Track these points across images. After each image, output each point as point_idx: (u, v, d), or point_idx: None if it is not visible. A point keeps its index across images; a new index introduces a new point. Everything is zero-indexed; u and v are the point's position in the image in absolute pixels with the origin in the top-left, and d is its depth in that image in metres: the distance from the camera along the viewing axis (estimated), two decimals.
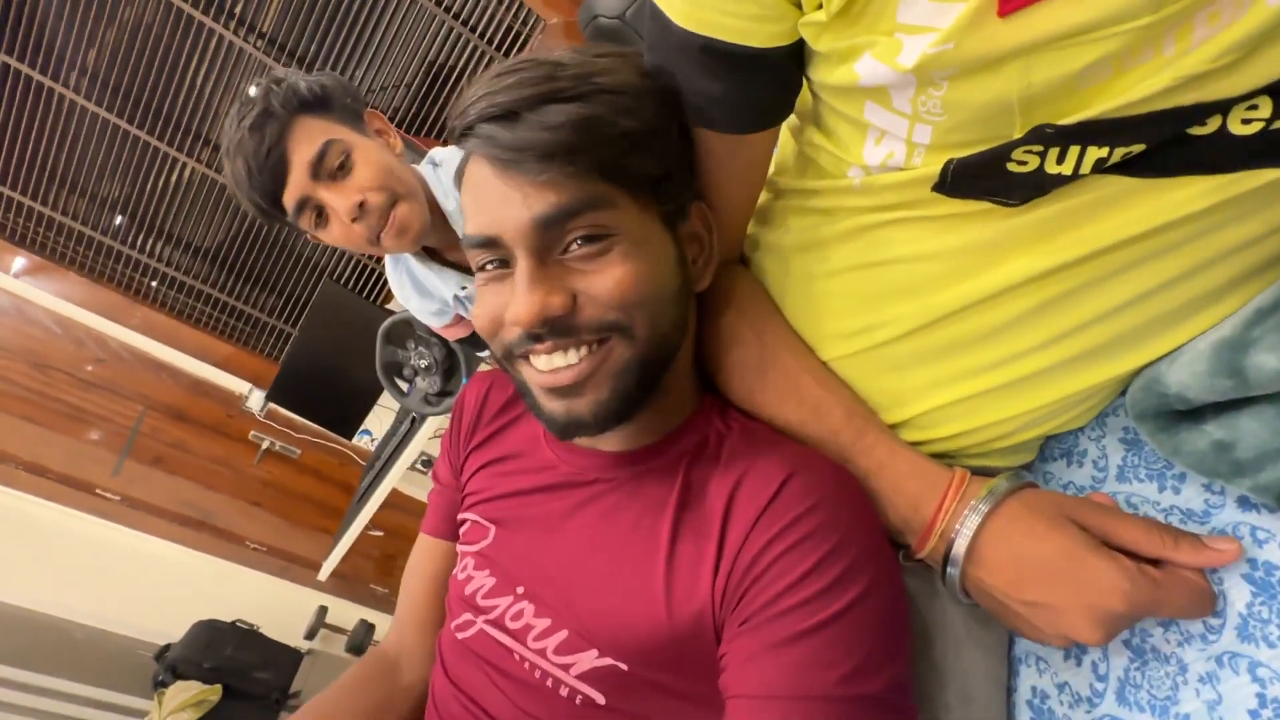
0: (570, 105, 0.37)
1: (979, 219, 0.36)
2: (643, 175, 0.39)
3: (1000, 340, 0.40)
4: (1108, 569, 0.35)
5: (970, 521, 0.39)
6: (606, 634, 0.42)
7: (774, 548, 0.39)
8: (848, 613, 0.37)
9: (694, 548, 0.42)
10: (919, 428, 0.45)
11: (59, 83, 1.98)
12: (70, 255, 2.22)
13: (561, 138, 0.36)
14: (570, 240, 0.38)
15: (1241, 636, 0.34)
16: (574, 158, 0.36)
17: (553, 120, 0.36)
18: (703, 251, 0.46)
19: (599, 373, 0.40)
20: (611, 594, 0.43)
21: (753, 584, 0.39)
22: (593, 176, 0.37)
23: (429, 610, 0.58)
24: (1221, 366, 0.34)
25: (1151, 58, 0.27)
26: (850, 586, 0.37)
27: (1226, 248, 0.34)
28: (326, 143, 0.71)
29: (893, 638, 0.38)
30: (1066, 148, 0.31)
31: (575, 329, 0.39)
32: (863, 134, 0.38)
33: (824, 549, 0.38)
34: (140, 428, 2.35)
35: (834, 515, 0.40)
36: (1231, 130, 0.29)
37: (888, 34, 0.31)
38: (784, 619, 0.37)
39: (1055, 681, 0.43)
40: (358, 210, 0.73)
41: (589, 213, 0.38)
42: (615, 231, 0.38)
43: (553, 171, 0.36)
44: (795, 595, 0.37)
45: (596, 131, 0.37)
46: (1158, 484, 0.41)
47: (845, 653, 0.36)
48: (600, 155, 0.37)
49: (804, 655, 0.36)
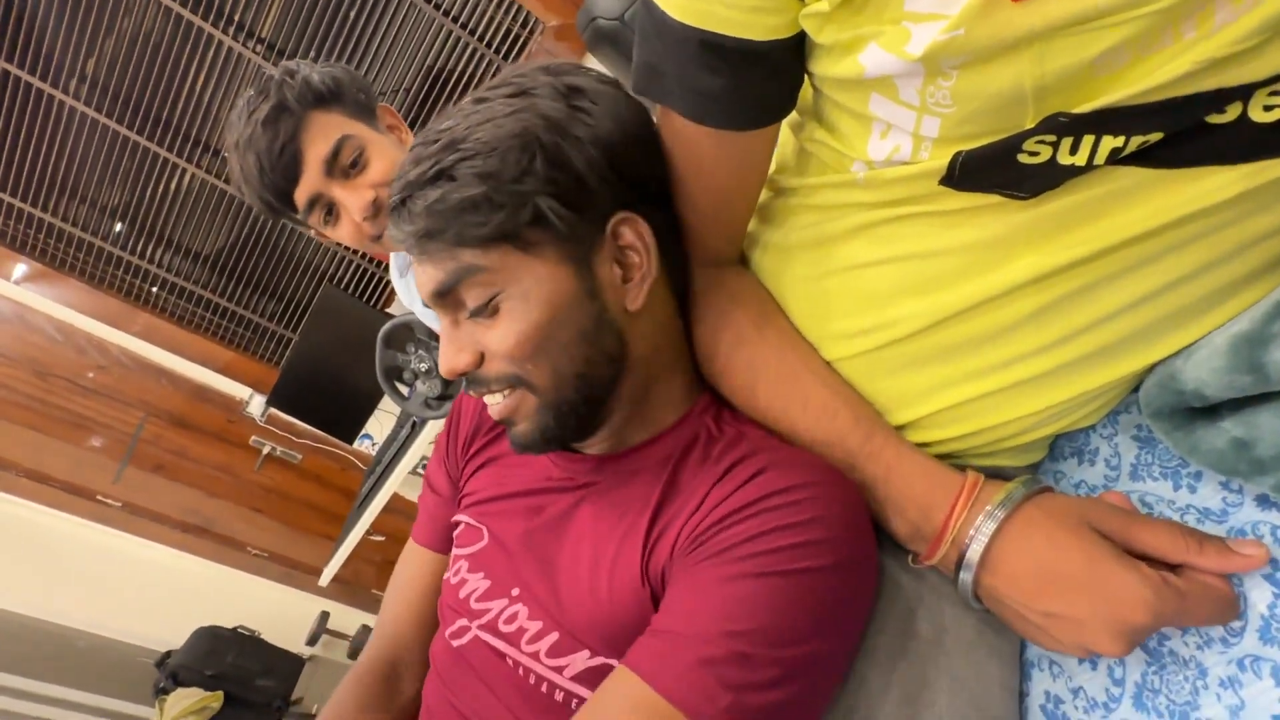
0: (427, 190, 0.40)
1: (989, 213, 0.36)
2: (510, 228, 0.40)
3: (1010, 338, 0.39)
4: (1131, 580, 0.33)
5: (985, 528, 0.38)
6: (596, 632, 0.42)
7: (752, 507, 0.39)
8: (813, 575, 0.37)
9: (666, 528, 0.42)
10: (926, 428, 0.44)
11: (59, 89, 1.98)
12: (71, 262, 2.22)
13: (422, 226, 0.40)
14: (465, 304, 0.42)
15: (1264, 639, 0.33)
16: (436, 238, 0.40)
17: (417, 209, 0.40)
18: (639, 266, 0.43)
19: (518, 413, 0.44)
20: (598, 592, 0.43)
21: (718, 531, 0.39)
22: (458, 250, 0.40)
23: (427, 620, 0.56)
24: (1240, 362, 0.33)
25: (1171, 42, 0.27)
26: (818, 557, 0.37)
27: (1246, 240, 0.33)
28: (341, 139, 0.70)
29: (833, 625, 0.38)
30: (1080, 137, 0.30)
31: (485, 381, 0.44)
32: (867, 128, 0.37)
33: (804, 516, 0.38)
34: (141, 434, 2.35)
35: (820, 494, 0.39)
36: (1253, 118, 0.28)
37: (894, 22, 0.30)
38: (740, 563, 0.37)
39: (1070, 686, 0.42)
40: (371, 208, 0.72)
41: (464, 282, 0.41)
42: (498, 289, 0.41)
43: (429, 254, 0.41)
44: (760, 543, 0.37)
45: (447, 211, 0.40)
46: (1173, 482, 0.40)
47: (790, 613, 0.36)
48: (458, 230, 0.40)
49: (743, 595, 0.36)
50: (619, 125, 0.43)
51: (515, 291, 0.41)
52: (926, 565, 0.41)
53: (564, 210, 0.40)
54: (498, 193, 0.39)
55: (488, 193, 0.39)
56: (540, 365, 0.42)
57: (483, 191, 0.39)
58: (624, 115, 0.43)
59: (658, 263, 0.44)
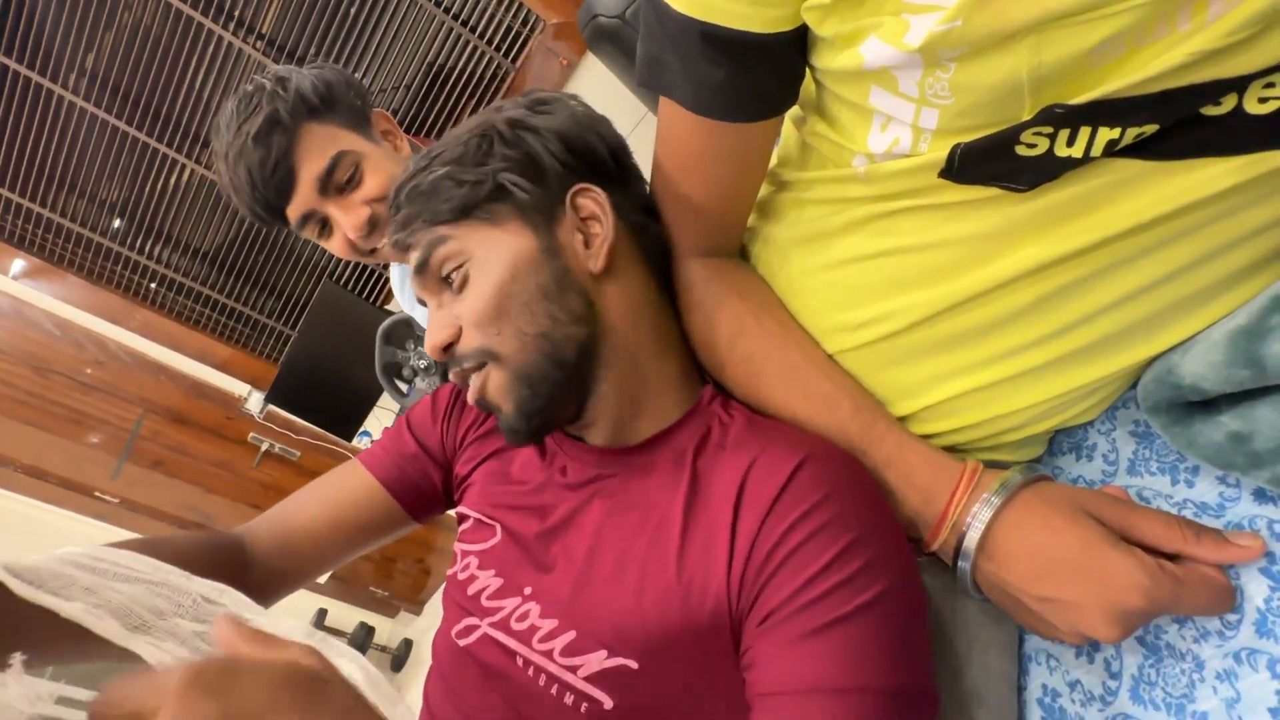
0: (405, 185, 0.47)
1: (987, 206, 0.36)
2: (471, 201, 0.45)
3: (1010, 330, 0.39)
4: (1127, 564, 0.34)
5: (983, 514, 0.38)
6: (616, 631, 0.41)
7: (791, 538, 0.38)
8: (875, 605, 0.36)
9: (705, 538, 0.41)
10: (926, 421, 0.44)
11: (58, 84, 1.98)
12: (69, 257, 2.22)
13: (404, 214, 0.47)
14: (441, 277, 0.46)
15: (1260, 632, 0.34)
16: (415, 221, 0.46)
17: (399, 204, 0.47)
18: (598, 233, 0.46)
19: (489, 391, 0.45)
20: (622, 590, 0.42)
21: (771, 577, 0.38)
22: (428, 228, 0.46)
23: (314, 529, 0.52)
24: (1238, 356, 0.33)
25: (1166, 34, 0.27)
26: (875, 580, 0.37)
27: (1242, 232, 0.33)
28: (336, 156, 0.68)
29: (914, 637, 0.38)
30: (1077, 129, 0.30)
31: (459, 359, 0.46)
32: (867, 120, 0.37)
33: (844, 541, 0.37)
34: (140, 430, 2.35)
35: (850, 506, 0.39)
36: (1248, 110, 0.28)
37: (894, 14, 0.30)
38: (809, 610, 0.36)
39: (1067, 679, 0.42)
40: (366, 226, 0.70)
41: (434, 254, 0.45)
42: (464, 259, 0.45)
43: (410, 238, 0.46)
44: (818, 586, 0.36)
45: (416, 193, 0.46)
46: (1170, 477, 0.40)
47: (878, 644, 0.35)
48: (425, 209, 0.45)
49: (837, 646, 0.35)
50: (573, 119, 0.47)
51: (480, 258, 0.45)
52: (928, 553, 0.41)
53: (521, 180, 0.45)
54: (462, 173, 0.45)
55: (452, 173, 0.45)
56: (504, 329, 0.44)
57: (448, 172, 0.45)
58: (580, 112, 0.48)
59: (614, 226, 0.46)
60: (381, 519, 0.55)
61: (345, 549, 0.55)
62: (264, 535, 0.52)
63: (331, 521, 0.53)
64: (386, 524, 0.55)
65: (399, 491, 0.55)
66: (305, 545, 0.53)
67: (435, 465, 0.56)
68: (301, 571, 0.54)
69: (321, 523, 0.53)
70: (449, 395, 0.57)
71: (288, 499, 0.55)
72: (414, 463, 0.55)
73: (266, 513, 0.54)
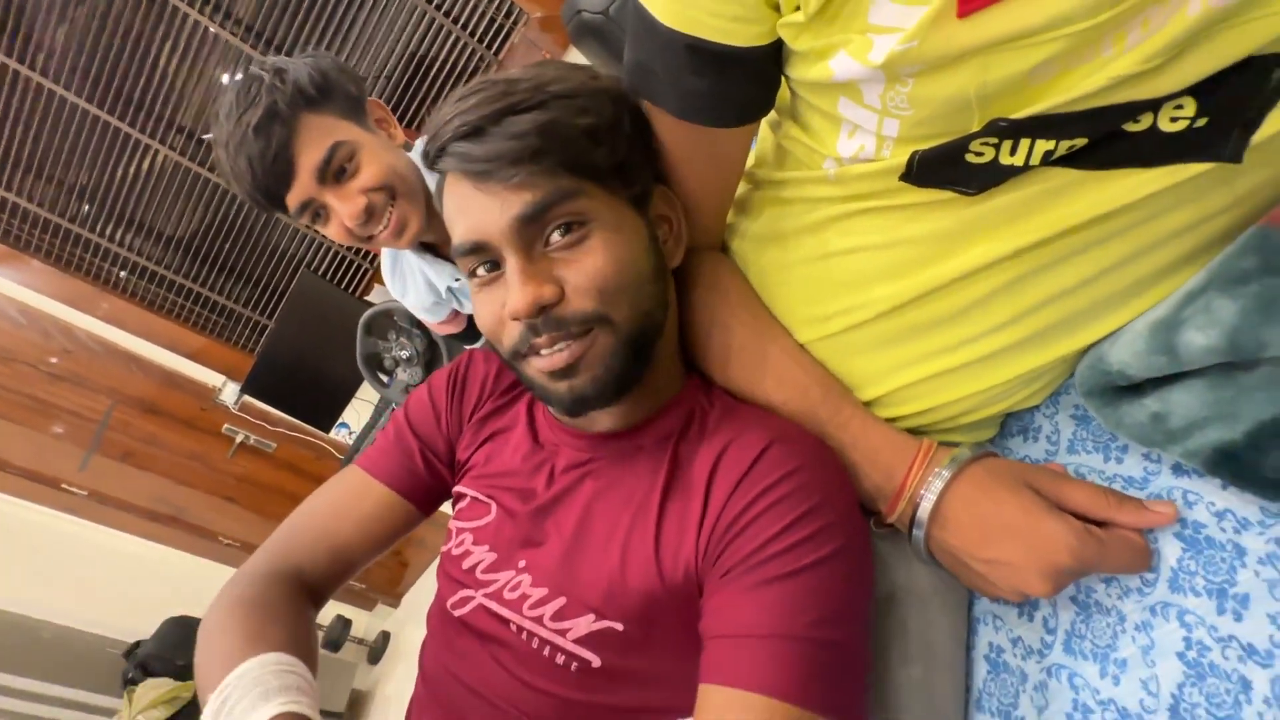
0: (530, 114, 0.41)
1: (943, 208, 0.39)
2: (606, 166, 0.42)
3: (963, 322, 0.43)
4: (1059, 528, 0.38)
5: (935, 486, 0.42)
6: (603, 597, 0.45)
7: (756, 506, 0.42)
8: (824, 564, 0.40)
9: (680, 512, 0.45)
10: (888, 405, 0.48)
11: (25, 65, 1.92)
12: (36, 243, 2.16)
13: (527, 143, 0.40)
14: (550, 232, 0.42)
15: (1172, 588, 0.38)
16: (540, 158, 0.40)
17: (517, 129, 0.40)
18: (673, 231, 0.49)
19: (589, 356, 0.43)
20: (608, 559, 0.45)
21: (735, 538, 0.41)
22: (560, 172, 0.41)
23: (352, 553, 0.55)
24: (1157, 344, 0.38)
25: (1092, 59, 0.31)
26: (827, 543, 0.40)
27: (1162, 235, 0.37)
28: (334, 146, 0.70)
29: (859, 597, 0.42)
30: (1018, 140, 0.34)
31: (564, 322, 0.42)
32: (837, 127, 0.41)
33: (804, 507, 0.41)
34: (109, 421, 2.30)
35: (813, 478, 0.43)
36: (1161, 128, 0.33)
37: (860, 33, 0.34)
38: (763, 567, 0.40)
39: (1010, 637, 0.46)
40: (364, 214, 0.72)
41: (562, 204, 0.41)
42: (590, 219, 0.42)
43: (523, 174, 0.40)
44: (775, 545, 0.40)
45: (557, 132, 0.41)
46: (1103, 454, 0.45)
47: (818, 599, 0.39)
48: (564, 153, 0.41)
49: (780, 597, 0.39)
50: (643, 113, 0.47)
51: (605, 223, 0.42)
52: (888, 524, 0.45)
53: (639, 163, 0.45)
54: (601, 132, 0.42)
55: (596, 126, 0.42)
56: (622, 301, 0.43)
57: (593, 123, 0.42)
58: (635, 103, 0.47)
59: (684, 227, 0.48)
60: (402, 524, 0.57)
61: (375, 557, 0.58)
62: (318, 566, 0.54)
63: (366, 540, 0.55)
64: (405, 526, 0.58)
65: (413, 495, 0.56)
66: (348, 565, 0.56)
67: (441, 462, 0.57)
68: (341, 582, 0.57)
69: (357, 545, 0.55)
70: (446, 388, 0.57)
71: (312, 518, 0.56)
72: (422, 463, 0.56)
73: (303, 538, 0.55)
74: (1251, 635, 0.34)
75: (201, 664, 0.45)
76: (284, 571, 0.52)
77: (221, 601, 0.49)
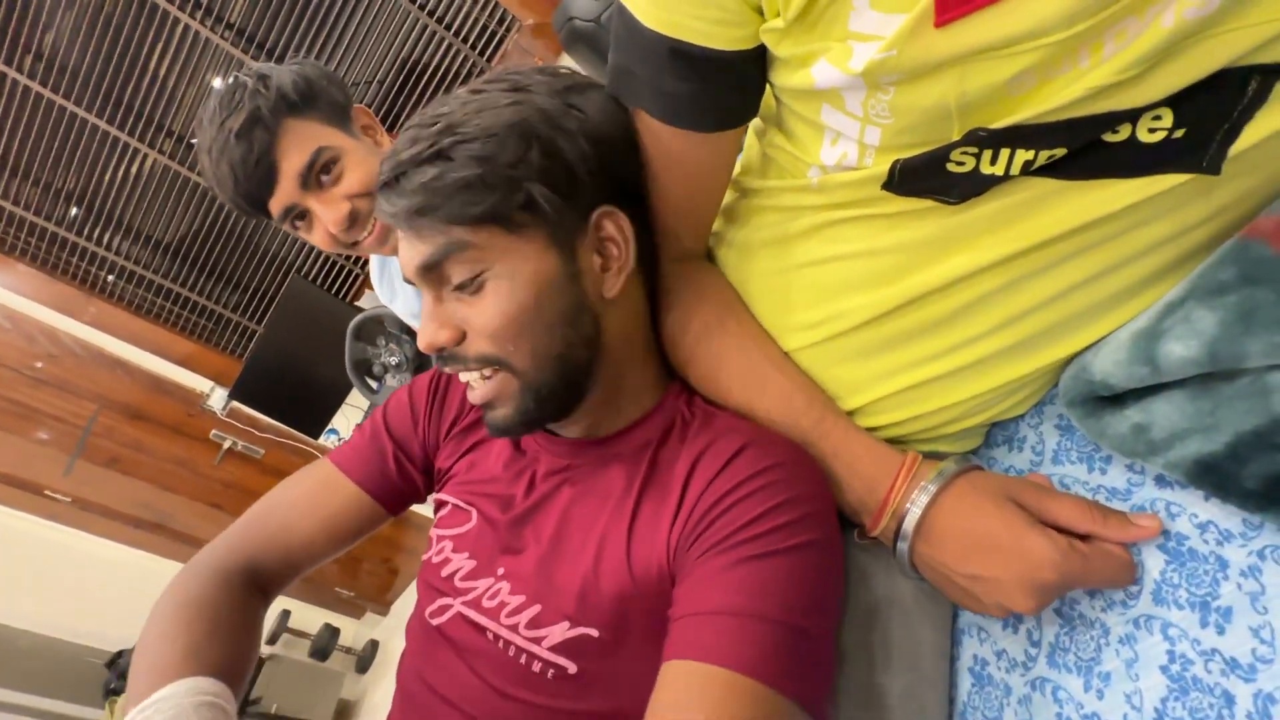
0: (425, 167, 0.42)
1: (924, 216, 0.39)
2: (506, 210, 0.42)
3: (945, 330, 0.43)
4: (1042, 544, 0.38)
5: (920, 500, 0.42)
6: (577, 602, 0.44)
7: (733, 494, 0.42)
8: (798, 552, 0.40)
9: (655, 509, 0.45)
10: (871, 414, 0.47)
11: (13, 67, 1.91)
12: (22, 246, 2.14)
13: (414, 202, 0.42)
14: (450, 279, 0.44)
15: (1156, 600, 0.38)
16: (428, 213, 0.42)
17: (411, 186, 0.42)
18: (617, 258, 0.46)
19: (500, 395, 0.45)
20: (582, 563, 0.45)
21: (710, 525, 0.41)
22: (450, 227, 0.42)
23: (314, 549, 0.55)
24: (1138, 355, 0.37)
25: (1069, 69, 0.31)
26: (803, 532, 0.40)
27: (1143, 245, 0.37)
28: (317, 151, 0.70)
29: (831, 593, 0.41)
30: (998, 150, 0.34)
31: (463, 359, 0.44)
32: (820, 135, 0.41)
33: (782, 497, 0.41)
34: (94, 427, 2.27)
35: (791, 474, 0.43)
36: (1140, 138, 0.33)
37: (840, 40, 0.34)
38: (736, 549, 0.40)
39: (994, 649, 0.46)
40: (347, 220, 0.72)
41: (451, 257, 0.43)
42: (484, 267, 0.43)
43: (418, 228, 0.43)
44: (750, 530, 0.40)
45: (443, 190, 0.41)
46: (1087, 465, 0.44)
47: (790, 585, 0.39)
48: (450, 208, 0.42)
49: (750, 576, 0.39)
50: (609, 124, 0.45)
51: (502, 270, 0.43)
52: (871, 537, 0.45)
53: (554, 197, 0.42)
54: (493, 176, 0.41)
55: (483, 175, 0.41)
56: (522, 346, 0.43)
57: (479, 173, 0.41)
58: (613, 115, 0.45)
59: (634, 255, 0.46)
60: (367, 523, 0.57)
61: (335, 554, 0.58)
62: (272, 561, 0.55)
63: (329, 537, 0.56)
64: (370, 526, 0.58)
65: (382, 496, 0.57)
66: (305, 561, 0.56)
67: (415, 466, 0.57)
68: (296, 576, 0.57)
69: (320, 541, 0.56)
70: (427, 394, 0.57)
71: (273, 511, 0.56)
72: (394, 465, 0.56)
73: (261, 531, 0.55)
74: (1234, 649, 0.34)
75: (137, 664, 0.46)
76: (239, 567, 0.53)
77: (169, 599, 0.50)
